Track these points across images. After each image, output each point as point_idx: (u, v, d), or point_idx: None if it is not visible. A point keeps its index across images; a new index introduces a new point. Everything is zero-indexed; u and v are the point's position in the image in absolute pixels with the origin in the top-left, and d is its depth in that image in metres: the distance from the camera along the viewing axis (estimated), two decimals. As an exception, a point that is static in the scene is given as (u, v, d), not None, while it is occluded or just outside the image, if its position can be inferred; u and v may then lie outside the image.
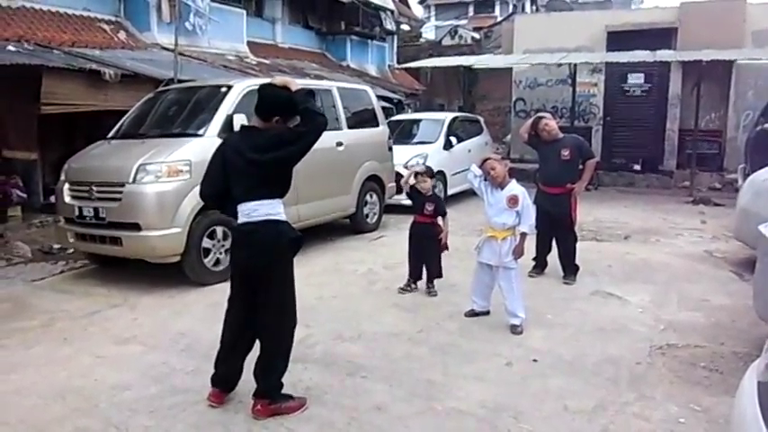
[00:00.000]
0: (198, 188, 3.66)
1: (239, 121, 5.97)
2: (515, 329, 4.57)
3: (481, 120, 13.03)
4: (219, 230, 5.97)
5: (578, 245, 6.19)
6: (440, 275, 5.53)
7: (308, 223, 7.27)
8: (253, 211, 3.26)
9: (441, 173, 10.36)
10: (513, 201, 4.57)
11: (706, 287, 5.90)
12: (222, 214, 3.82)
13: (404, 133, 11.33)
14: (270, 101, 3.35)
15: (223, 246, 5.98)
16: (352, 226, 8.28)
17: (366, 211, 8.35)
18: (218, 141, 4.13)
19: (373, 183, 8.42)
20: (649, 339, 4.52)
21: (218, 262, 5.99)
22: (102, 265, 6.66)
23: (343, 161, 7.74)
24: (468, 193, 11.85)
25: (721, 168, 13.84)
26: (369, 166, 8.23)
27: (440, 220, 5.60)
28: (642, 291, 5.73)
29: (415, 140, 11.01)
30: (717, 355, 4.28)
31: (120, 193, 5.70)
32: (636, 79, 14.25)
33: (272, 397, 3.36)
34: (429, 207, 5.48)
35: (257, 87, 3.56)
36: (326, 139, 7.54)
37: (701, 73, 12.49)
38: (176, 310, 5.24)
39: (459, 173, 10.95)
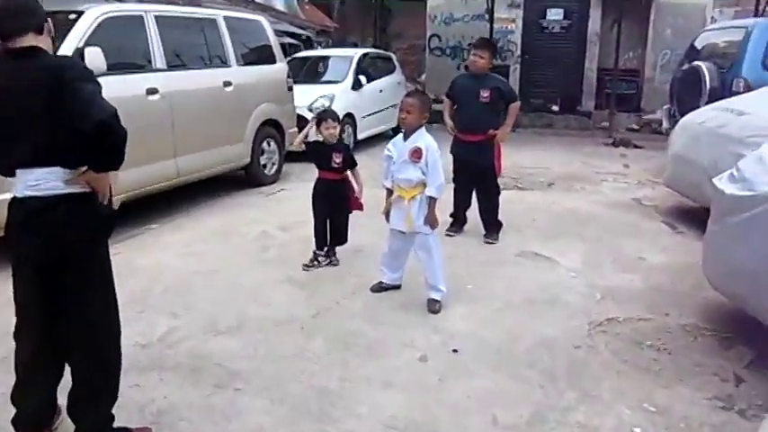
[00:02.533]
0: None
1: (94, 56, 4.80)
2: (434, 306, 3.79)
3: (393, 57, 12.04)
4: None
5: (500, 196, 5.46)
6: (344, 241, 4.66)
7: (192, 178, 6.19)
8: (43, 180, 2.18)
9: (350, 115, 9.42)
10: (416, 154, 3.70)
11: (639, 242, 5.33)
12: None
13: (309, 72, 10.25)
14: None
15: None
16: (248, 179, 7.23)
17: (263, 160, 7.31)
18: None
19: (271, 128, 7.36)
20: (587, 313, 3.85)
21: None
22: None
23: (234, 104, 6.63)
24: (381, 138, 10.98)
25: (639, 109, 13.54)
26: (265, 108, 7.15)
27: (350, 175, 4.66)
28: (572, 249, 5.09)
29: (320, 79, 9.95)
30: (663, 330, 3.67)
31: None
32: (555, 15, 13.58)
33: (99, 436, 2.41)
34: (337, 159, 4.50)
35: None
36: (210, 77, 6.45)
37: (621, 9, 11.95)
38: None
39: (370, 115, 10.03)
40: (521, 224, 5.76)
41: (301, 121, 8.43)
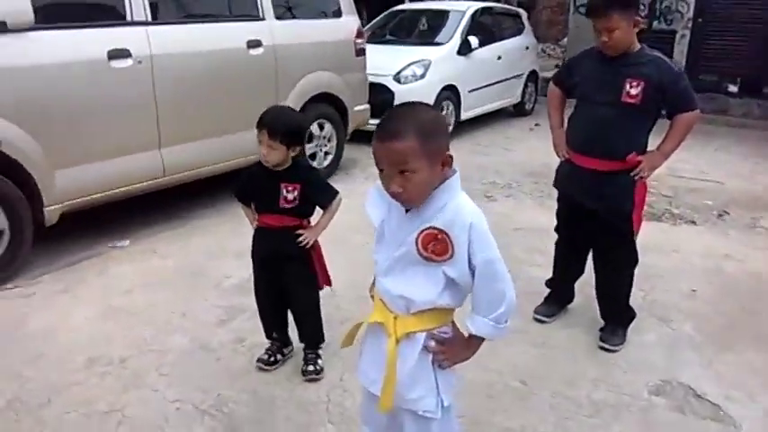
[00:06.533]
0: None
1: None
2: None
3: (523, 14, 9.54)
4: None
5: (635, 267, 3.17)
6: (320, 340, 2.68)
7: (187, 177, 4.42)
8: None
9: (451, 88, 7.28)
10: (436, 247, 1.51)
11: None
12: None
13: (406, 29, 8.20)
14: None
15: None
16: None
17: (311, 149, 5.40)
18: None
19: (326, 106, 5.43)
20: None
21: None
22: None
23: (264, 72, 4.74)
24: (497, 117, 8.75)
25: None
26: (315, 79, 5.20)
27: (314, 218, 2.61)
28: (761, 383, 2.78)
29: (419, 40, 7.83)
30: None
31: None
32: (746, -36, 10.36)
33: None
34: (289, 194, 2.47)
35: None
36: (225, 35, 4.50)
37: None
38: None
39: (480, 88, 7.81)
40: (668, 300, 3.49)
41: (382, 93, 6.52)
